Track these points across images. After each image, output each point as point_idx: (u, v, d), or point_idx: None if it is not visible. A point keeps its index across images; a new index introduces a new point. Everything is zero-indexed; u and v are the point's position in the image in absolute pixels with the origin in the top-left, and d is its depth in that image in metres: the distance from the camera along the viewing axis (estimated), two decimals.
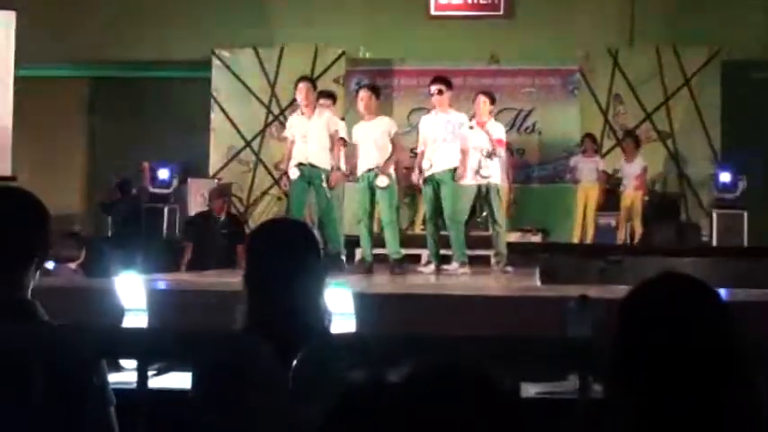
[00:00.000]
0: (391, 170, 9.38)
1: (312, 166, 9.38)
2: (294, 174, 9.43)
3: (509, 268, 9.78)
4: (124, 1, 15.29)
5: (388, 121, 9.50)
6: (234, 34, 15.00)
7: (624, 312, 1.80)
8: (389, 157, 9.28)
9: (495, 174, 9.85)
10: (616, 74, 14.56)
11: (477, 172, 9.62)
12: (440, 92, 9.35)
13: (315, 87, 9.80)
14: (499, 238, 10.03)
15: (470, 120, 9.69)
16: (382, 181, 9.25)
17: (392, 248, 9.39)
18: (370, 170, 9.30)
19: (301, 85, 9.58)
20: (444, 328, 5.20)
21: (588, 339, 3.33)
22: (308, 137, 9.36)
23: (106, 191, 14.85)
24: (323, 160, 9.41)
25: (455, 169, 9.34)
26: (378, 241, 9.62)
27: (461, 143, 9.39)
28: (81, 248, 7.97)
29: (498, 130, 9.98)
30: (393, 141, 9.34)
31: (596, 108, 14.60)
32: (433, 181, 9.34)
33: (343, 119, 10.69)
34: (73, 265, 7.71)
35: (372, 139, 9.27)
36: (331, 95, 10.64)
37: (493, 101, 10.06)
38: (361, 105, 9.42)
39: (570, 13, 14.78)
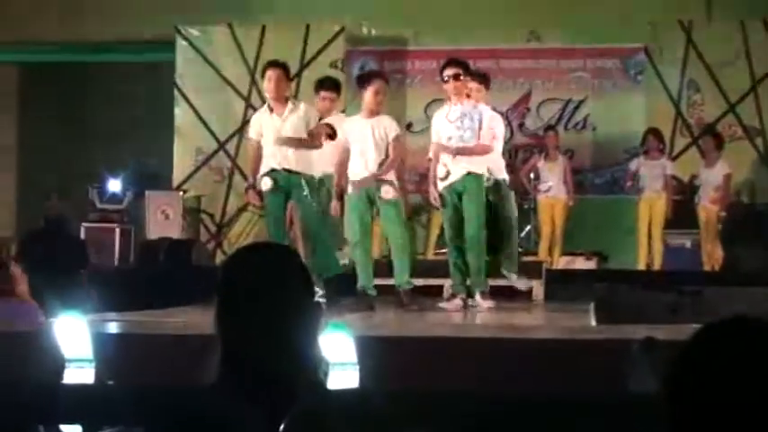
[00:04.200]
0: (394, 178, 9.42)
1: (289, 171, 9.40)
2: (266, 184, 9.43)
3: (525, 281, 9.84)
4: None
5: (390, 121, 9.52)
6: (204, 7, 15.06)
7: (681, 367, 1.81)
8: (390, 162, 9.33)
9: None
10: (690, 54, 14.56)
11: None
12: (456, 77, 9.40)
13: (288, 76, 9.81)
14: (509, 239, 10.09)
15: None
16: (387, 191, 9.27)
17: (402, 277, 9.40)
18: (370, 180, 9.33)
19: (270, 72, 9.60)
20: (472, 382, 5.20)
21: (655, 395, 3.33)
22: (282, 137, 9.37)
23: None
24: (303, 164, 9.44)
25: (481, 175, 9.39)
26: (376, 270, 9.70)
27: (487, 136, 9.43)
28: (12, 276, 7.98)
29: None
30: (395, 145, 9.37)
31: (665, 97, 14.60)
32: (454, 191, 9.36)
33: (343, 111, 10.74)
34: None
35: (372, 140, 9.31)
36: (336, 86, 10.57)
37: None
38: (371, 100, 9.43)
39: None
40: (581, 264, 13.44)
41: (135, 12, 14.98)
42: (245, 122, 14.97)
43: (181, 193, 14.64)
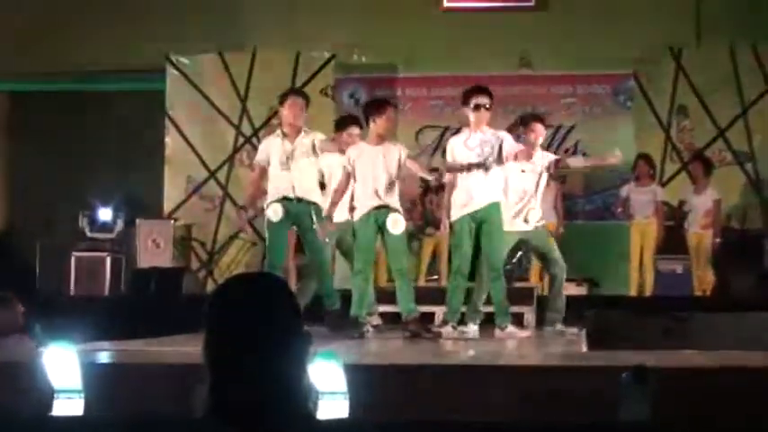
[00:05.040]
0: (399, 205, 9.51)
1: (299, 200, 9.43)
2: (276, 213, 9.40)
3: (572, 330, 9.85)
4: None
5: (400, 147, 9.64)
6: (194, 35, 15.07)
7: None
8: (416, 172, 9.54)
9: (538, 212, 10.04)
10: (680, 80, 14.60)
11: (520, 214, 9.77)
12: (487, 107, 9.49)
13: (307, 106, 9.82)
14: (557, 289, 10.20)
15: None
16: (398, 223, 9.33)
17: (408, 305, 9.43)
18: (379, 208, 9.36)
19: (292, 101, 9.59)
20: (463, 410, 5.19)
21: (646, 423, 3.32)
22: (292, 164, 9.40)
23: None
24: (313, 192, 9.49)
25: (500, 203, 9.47)
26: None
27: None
28: (20, 313, 7.98)
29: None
30: (410, 163, 9.53)
31: (655, 123, 14.63)
32: (474, 219, 9.38)
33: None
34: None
35: (384, 167, 9.37)
36: (358, 121, 10.47)
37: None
38: (383, 127, 9.53)
39: (620, 4, 14.84)
40: (572, 290, 13.39)
41: (125, 40, 14.99)
42: (236, 150, 15.04)
43: (172, 221, 14.63)
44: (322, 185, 9.88)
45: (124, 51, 14.94)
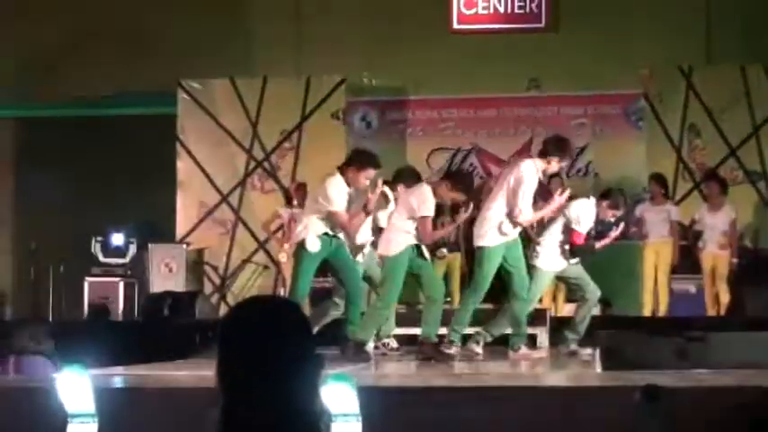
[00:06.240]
0: None
1: (336, 236, 9.56)
2: (315, 246, 9.42)
3: (586, 351, 9.87)
4: (59, 20, 15.40)
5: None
6: (205, 60, 15.13)
7: None
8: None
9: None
10: (690, 99, 14.58)
11: (564, 253, 10.00)
12: None
13: None
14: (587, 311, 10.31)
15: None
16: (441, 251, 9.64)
17: (431, 329, 9.50)
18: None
19: (371, 173, 9.61)
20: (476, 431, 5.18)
21: None
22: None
23: None
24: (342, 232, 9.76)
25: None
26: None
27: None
28: (50, 337, 7.99)
29: None
30: None
31: (666, 142, 14.61)
32: (506, 246, 9.45)
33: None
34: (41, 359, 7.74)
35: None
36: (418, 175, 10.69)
37: None
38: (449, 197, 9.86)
39: (630, 24, 14.86)
40: None
41: (136, 65, 15.04)
42: (248, 174, 15.05)
43: (184, 245, 14.64)
44: None
45: (135, 76, 14.98)
